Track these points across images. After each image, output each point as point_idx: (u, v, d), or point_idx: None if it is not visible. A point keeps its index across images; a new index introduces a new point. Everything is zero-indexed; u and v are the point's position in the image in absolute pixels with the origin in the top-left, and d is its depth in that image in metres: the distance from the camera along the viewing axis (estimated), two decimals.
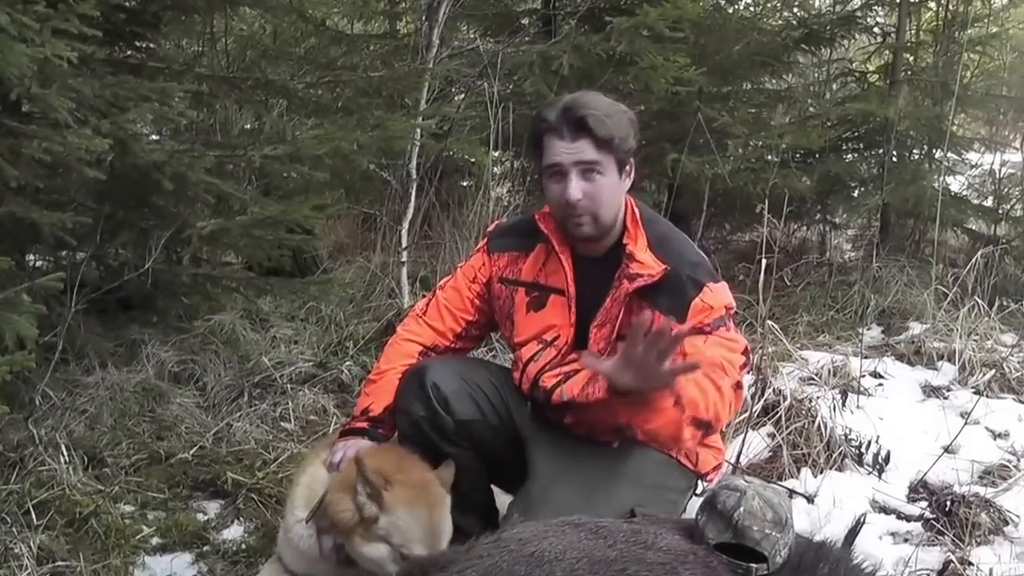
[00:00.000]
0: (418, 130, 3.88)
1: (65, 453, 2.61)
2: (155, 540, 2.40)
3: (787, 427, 2.87)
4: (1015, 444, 3.08)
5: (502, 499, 2.22)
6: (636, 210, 2.08)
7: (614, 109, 2.01)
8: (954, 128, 5.48)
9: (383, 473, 1.89)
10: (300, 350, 3.63)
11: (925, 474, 2.77)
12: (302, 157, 3.02)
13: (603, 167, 1.97)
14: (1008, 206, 5.27)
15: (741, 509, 1.61)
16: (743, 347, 2.02)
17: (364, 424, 2.13)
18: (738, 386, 1.97)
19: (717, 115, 4.45)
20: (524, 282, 2.14)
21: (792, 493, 2.60)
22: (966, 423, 2.96)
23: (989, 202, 5.44)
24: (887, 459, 2.83)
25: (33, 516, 2.34)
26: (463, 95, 4.76)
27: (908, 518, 2.60)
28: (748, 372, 2.23)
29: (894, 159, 5.26)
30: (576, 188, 1.96)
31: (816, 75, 6.13)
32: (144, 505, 2.56)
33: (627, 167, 2.03)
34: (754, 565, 1.59)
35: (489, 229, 2.32)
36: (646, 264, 1.99)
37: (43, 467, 2.56)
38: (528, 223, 2.16)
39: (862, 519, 1.91)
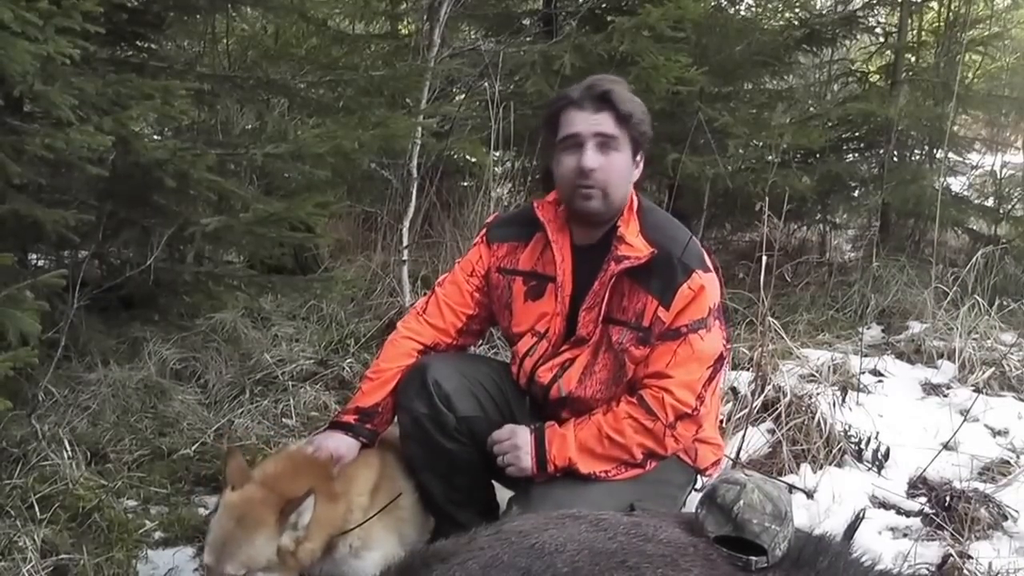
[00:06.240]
0: (419, 129, 3.87)
1: (68, 449, 2.63)
2: (158, 534, 2.42)
3: (787, 423, 2.88)
4: (1015, 441, 3.09)
5: (503, 495, 2.23)
6: (635, 200, 2.10)
7: (633, 95, 2.05)
8: (955, 129, 5.49)
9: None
10: (301, 348, 3.65)
11: (924, 470, 2.78)
12: (303, 156, 3.02)
13: (620, 143, 2.00)
14: (1009, 206, 5.28)
15: (741, 502, 1.61)
16: (715, 355, 2.02)
17: (351, 418, 2.12)
18: (685, 416, 2.00)
19: (718, 115, 4.46)
20: (522, 271, 2.15)
21: (792, 488, 2.60)
22: (965, 420, 2.96)
23: (990, 202, 5.45)
24: (887, 455, 2.84)
25: (37, 510, 2.35)
26: (464, 95, 4.77)
27: (907, 513, 2.61)
28: (723, 375, 2.23)
29: (895, 159, 5.27)
30: (592, 158, 1.98)
31: (817, 75, 6.14)
32: (147, 500, 2.59)
33: (639, 154, 2.06)
34: (754, 558, 1.59)
35: (488, 220, 2.33)
36: (635, 247, 2.01)
37: (46, 462, 2.57)
38: (526, 213, 2.17)
39: (861, 514, 1.91)
